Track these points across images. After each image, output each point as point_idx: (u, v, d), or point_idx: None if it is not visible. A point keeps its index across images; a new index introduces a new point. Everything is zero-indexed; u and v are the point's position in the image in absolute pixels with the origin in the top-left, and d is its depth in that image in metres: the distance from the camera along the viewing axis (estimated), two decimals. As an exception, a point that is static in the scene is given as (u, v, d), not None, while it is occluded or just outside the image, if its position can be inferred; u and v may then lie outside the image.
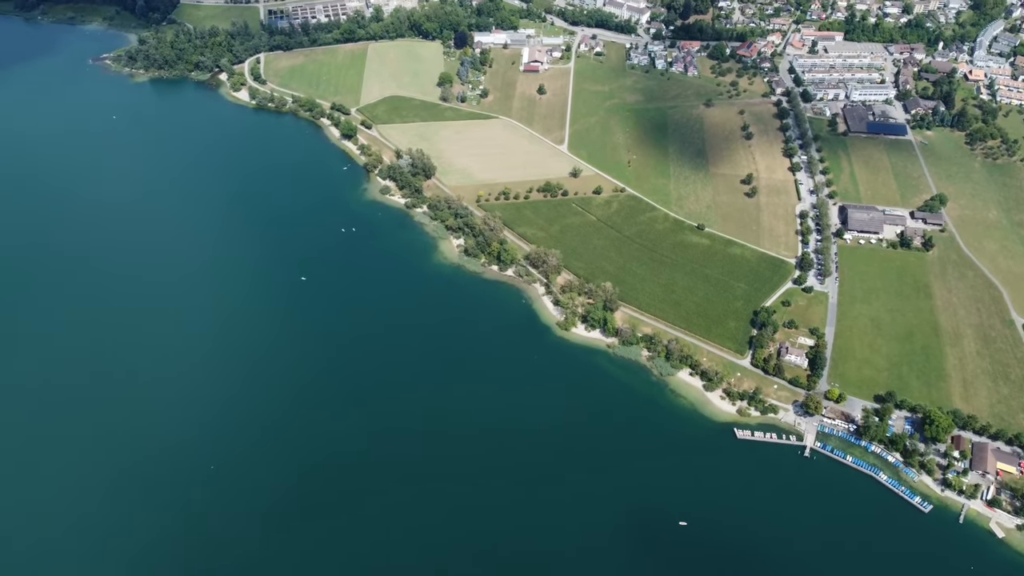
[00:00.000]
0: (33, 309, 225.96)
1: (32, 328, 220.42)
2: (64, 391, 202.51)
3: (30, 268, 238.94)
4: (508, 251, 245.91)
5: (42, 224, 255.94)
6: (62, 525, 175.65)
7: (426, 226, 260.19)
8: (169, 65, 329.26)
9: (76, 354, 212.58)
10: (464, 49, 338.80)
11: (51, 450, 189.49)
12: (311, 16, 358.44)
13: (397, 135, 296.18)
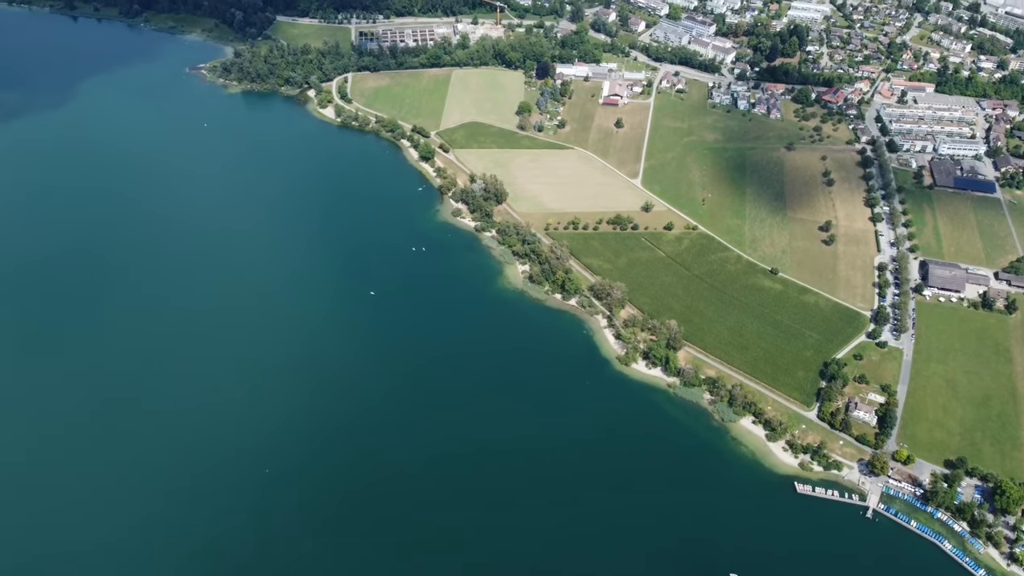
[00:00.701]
0: (110, 306, 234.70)
1: (109, 326, 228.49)
2: (135, 393, 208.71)
3: (111, 266, 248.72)
4: (573, 281, 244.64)
5: (126, 223, 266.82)
6: (126, 524, 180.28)
7: (493, 250, 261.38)
8: (261, 79, 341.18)
9: (147, 355, 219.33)
10: (545, 80, 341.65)
11: (121, 450, 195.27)
12: (400, 40, 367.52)
13: (473, 160, 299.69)
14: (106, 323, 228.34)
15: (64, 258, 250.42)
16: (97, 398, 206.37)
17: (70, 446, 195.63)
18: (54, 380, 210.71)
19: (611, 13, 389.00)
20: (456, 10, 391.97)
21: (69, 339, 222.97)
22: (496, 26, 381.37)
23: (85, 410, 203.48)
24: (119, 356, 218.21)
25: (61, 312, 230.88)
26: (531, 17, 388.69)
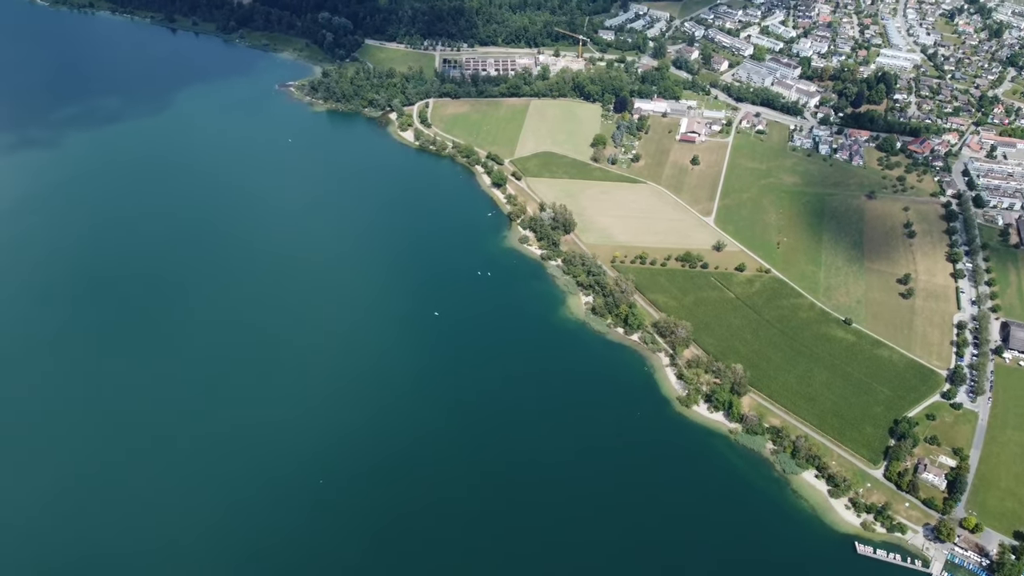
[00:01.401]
0: (183, 315, 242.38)
1: (181, 334, 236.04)
2: (202, 403, 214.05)
3: (187, 273, 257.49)
4: (636, 316, 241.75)
5: (204, 231, 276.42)
6: (181, 526, 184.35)
7: (557, 279, 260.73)
8: (346, 99, 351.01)
9: (216, 365, 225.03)
10: (623, 114, 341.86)
11: (186, 455, 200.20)
12: (482, 69, 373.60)
13: (544, 189, 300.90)
14: (179, 331, 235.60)
15: (145, 260, 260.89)
16: (167, 406, 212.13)
17: (137, 448, 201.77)
18: (127, 383, 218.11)
19: (694, 51, 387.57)
20: (539, 42, 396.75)
21: (145, 343, 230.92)
22: (577, 59, 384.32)
23: (157, 415, 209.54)
24: (191, 366, 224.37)
25: (138, 317, 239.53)
26: (613, 52, 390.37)
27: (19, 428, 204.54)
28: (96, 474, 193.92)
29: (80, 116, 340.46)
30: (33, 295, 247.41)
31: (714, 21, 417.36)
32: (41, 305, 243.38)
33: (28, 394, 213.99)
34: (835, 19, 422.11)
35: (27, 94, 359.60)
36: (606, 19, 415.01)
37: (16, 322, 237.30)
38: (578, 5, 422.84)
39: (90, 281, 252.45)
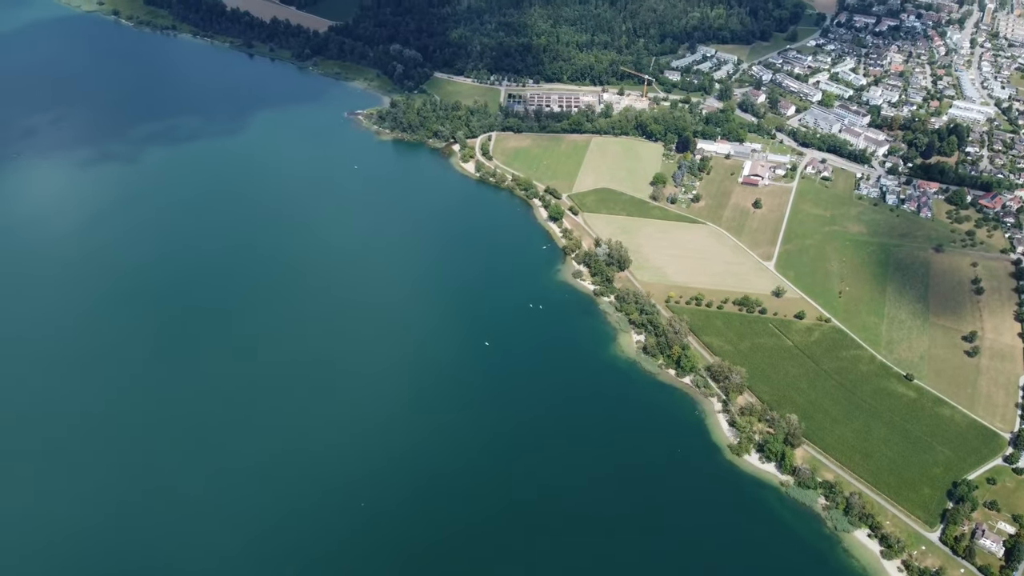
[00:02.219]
0: (239, 331, 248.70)
1: (235, 350, 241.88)
2: (246, 422, 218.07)
3: (244, 290, 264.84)
4: (689, 358, 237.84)
5: (265, 250, 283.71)
6: (230, 550, 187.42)
7: (609, 316, 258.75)
8: (412, 129, 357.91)
9: (262, 385, 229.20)
10: (685, 154, 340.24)
11: (229, 476, 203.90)
12: (546, 105, 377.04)
13: (600, 224, 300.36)
14: (234, 348, 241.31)
15: (208, 277, 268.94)
16: (216, 424, 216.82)
17: (184, 464, 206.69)
18: (179, 397, 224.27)
19: (760, 95, 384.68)
20: (604, 80, 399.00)
21: (200, 360, 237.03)
22: (641, 99, 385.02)
23: (205, 433, 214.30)
24: (243, 384, 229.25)
25: (194, 332, 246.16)
26: (678, 93, 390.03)
27: (73, 437, 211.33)
28: (147, 488, 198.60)
29: (159, 134, 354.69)
30: (100, 303, 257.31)
31: (782, 66, 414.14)
32: (107, 313, 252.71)
33: (84, 402, 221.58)
34: (907, 69, 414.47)
35: (110, 110, 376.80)
36: (673, 60, 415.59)
37: (81, 328, 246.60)
38: (645, 46, 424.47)
39: (154, 294, 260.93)
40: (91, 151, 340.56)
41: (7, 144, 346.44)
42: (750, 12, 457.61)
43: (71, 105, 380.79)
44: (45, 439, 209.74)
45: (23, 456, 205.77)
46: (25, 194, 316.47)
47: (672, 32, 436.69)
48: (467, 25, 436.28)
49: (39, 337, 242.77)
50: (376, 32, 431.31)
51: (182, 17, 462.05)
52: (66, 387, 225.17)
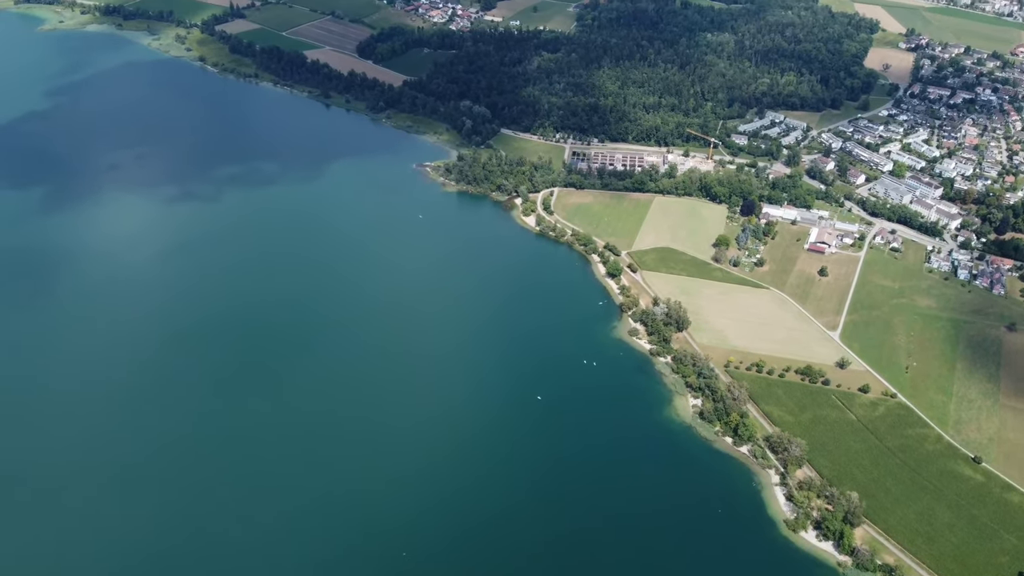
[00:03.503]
0: (289, 376, 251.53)
1: (283, 396, 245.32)
2: (290, 465, 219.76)
3: (301, 331, 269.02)
4: (747, 426, 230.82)
5: (326, 291, 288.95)
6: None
7: (665, 377, 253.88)
8: (476, 182, 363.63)
9: (309, 426, 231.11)
10: (750, 217, 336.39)
11: (270, 520, 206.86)
12: (609, 163, 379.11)
13: (660, 283, 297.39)
14: (285, 387, 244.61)
15: (270, 316, 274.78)
16: (259, 464, 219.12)
17: (227, 508, 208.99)
18: (227, 435, 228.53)
19: (829, 162, 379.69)
20: (669, 141, 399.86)
21: (252, 396, 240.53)
22: (707, 161, 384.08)
23: (249, 474, 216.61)
24: (291, 422, 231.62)
25: (249, 370, 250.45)
26: (744, 156, 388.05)
27: (114, 481, 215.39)
28: (187, 532, 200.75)
29: (238, 176, 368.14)
30: (166, 336, 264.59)
31: (853, 134, 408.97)
32: (168, 347, 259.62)
33: (129, 441, 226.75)
34: (982, 143, 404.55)
35: (192, 150, 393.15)
36: (740, 124, 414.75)
37: (141, 362, 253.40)
38: (713, 109, 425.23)
39: (217, 330, 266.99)
40: (172, 188, 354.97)
41: (94, 177, 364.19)
42: (821, 80, 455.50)
43: (155, 143, 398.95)
44: (87, 483, 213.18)
45: (60, 496, 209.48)
46: (104, 226, 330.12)
47: (741, 97, 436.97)
48: (536, 84, 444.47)
49: (98, 369, 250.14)
50: (448, 88, 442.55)
51: (264, 66, 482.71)
52: (115, 425, 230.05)
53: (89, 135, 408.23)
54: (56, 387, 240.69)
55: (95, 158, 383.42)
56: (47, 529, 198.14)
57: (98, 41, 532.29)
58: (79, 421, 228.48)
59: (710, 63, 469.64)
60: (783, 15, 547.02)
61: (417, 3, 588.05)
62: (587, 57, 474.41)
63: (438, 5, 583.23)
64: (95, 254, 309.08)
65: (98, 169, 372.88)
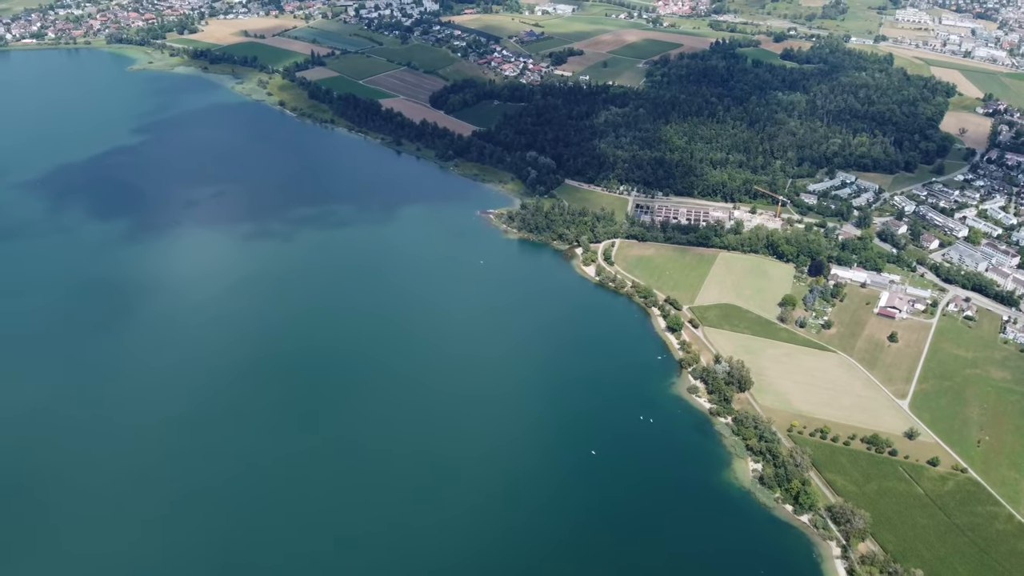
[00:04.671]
0: (341, 415, 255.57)
1: (335, 429, 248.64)
2: (338, 500, 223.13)
3: (359, 370, 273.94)
4: (809, 495, 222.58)
5: (387, 333, 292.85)
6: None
7: (724, 438, 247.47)
8: (538, 230, 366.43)
9: (358, 463, 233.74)
10: (817, 278, 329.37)
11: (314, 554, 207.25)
12: (673, 217, 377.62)
13: (722, 340, 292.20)
14: (343, 422, 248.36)
15: (328, 350, 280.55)
16: (307, 496, 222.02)
17: (272, 539, 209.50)
18: (278, 471, 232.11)
19: (902, 225, 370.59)
20: (736, 198, 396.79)
21: (301, 433, 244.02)
22: (774, 219, 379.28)
23: (294, 501, 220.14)
24: (340, 460, 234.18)
25: (310, 402, 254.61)
26: (813, 216, 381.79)
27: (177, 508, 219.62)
28: (239, 563, 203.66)
29: (311, 217, 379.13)
30: (233, 366, 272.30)
31: (927, 198, 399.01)
32: (238, 377, 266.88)
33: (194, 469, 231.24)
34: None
35: (267, 191, 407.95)
36: (810, 183, 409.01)
37: (208, 390, 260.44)
38: (782, 167, 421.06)
39: (283, 363, 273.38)
40: (252, 227, 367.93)
41: (173, 211, 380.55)
42: (895, 142, 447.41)
43: (233, 182, 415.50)
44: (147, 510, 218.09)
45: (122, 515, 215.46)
46: (180, 259, 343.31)
47: (811, 156, 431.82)
48: (603, 137, 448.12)
49: (165, 398, 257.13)
50: (515, 139, 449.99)
51: (340, 113, 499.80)
52: (177, 455, 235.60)
53: (171, 171, 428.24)
54: (125, 411, 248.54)
55: (176, 193, 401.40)
56: (109, 549, 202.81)
57: (185, 83, 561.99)
58: (144, 449, 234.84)
59: (780, 121, 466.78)
60: (857, 76, 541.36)
61: (490, 57, 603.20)
62: (655, 112, 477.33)
63: (510, 59, 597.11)
64: (170, 286, 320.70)
65: (178, 204, 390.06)
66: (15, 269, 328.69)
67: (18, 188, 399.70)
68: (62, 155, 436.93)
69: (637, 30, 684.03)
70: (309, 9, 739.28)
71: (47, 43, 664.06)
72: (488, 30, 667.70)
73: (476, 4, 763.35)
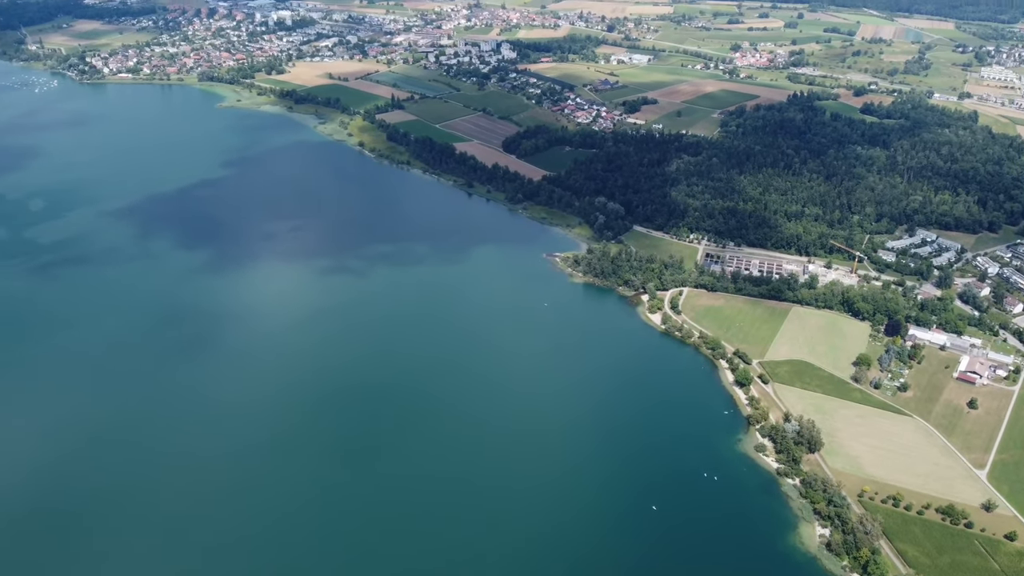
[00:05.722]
0: (404, 442, 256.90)
1: (394, 466, 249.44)
2: (390, 540, 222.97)
3: (423, 399, 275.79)
4: (879, 565, 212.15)
5: (449, 370, 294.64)
6: None
7: (791, 500, 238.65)
8: (604, 275, 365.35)
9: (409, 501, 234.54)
10: (894, 338, 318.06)
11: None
12: (745, 268, 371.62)
13: (792, 398, 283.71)
14: (401, 457, 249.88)
15: (392, 383, 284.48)
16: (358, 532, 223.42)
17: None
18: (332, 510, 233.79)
19: (984, 287, 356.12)
20: (811, 251, 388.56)
21: (359, 468, 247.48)
22: (851, 275, 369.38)
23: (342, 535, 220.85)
24: (393, 496, 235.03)
25: (363, 441, 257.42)
26: (891, 274, 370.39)
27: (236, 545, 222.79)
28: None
29: (383, 254, 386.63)
30: (303, 397, 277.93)
31: (1012, 260, 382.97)
32: (308, 408, 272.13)
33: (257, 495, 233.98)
34: None
35: (345, 227, 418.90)
36: (888, 240, 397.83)
37: (279, 418, 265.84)
38: (859, 223, 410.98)
39: (352, 395, 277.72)
40: (330, 262, 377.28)
41: (252, 244, 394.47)
42: (978, 201, 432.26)
43: (311, 217, 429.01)
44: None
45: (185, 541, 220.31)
46: (257, 290, 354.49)
47: (890, 212, 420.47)
48: (674, 185, 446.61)
49: (234, 426, 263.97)
50: (585, 184, 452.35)
51: (416, 154, 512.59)
52: (244, 485, 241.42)
53: (253, 205, 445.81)
54: (191, 439, 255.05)
55: (256, 226, 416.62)
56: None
57: (270, 121, 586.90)
58: (206, 478, 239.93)
59: (859, 175, 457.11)
60: (940, 133, 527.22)
61: (564, 104, 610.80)
62: (729, 161, 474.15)
63: (584, 107, 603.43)
64: (246, 316, 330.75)
65: (257, 236, 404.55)
66: (98, 293, 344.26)
67: (109, 215, 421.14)
68: (152, 185, 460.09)
69: (713, 80, 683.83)
70: (392, 55, 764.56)
71: (142, 78, 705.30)
72: (563, 78, 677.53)
73: (553, 53, 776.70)
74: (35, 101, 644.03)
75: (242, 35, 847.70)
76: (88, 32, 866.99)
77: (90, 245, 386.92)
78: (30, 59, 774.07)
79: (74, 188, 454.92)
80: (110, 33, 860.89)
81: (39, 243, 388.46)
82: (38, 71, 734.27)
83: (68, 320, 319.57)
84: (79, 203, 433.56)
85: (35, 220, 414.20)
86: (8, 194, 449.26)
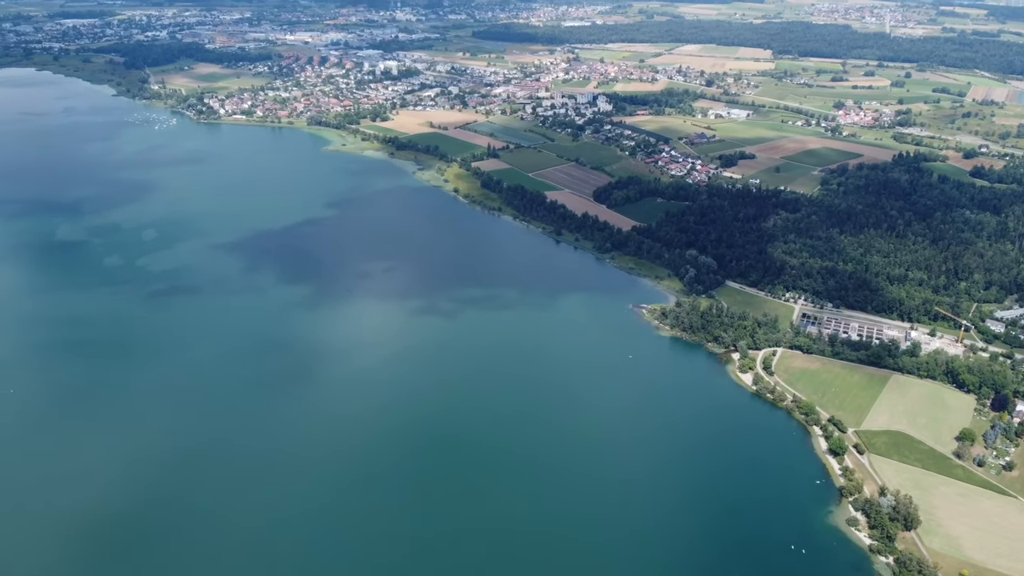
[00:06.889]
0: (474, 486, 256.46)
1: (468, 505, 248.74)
2: None
3: (499, 444, 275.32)
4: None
5: (528, 412, 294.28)
6: None
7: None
8: (692, 330, 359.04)
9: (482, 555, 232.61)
10: (1001, 413, 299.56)
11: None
12: (843, 331, 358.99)
13: (889, 471, 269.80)
14: (472, 502, 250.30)
15: (469, 426, 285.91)
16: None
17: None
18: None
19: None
20: (913, 317, 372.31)
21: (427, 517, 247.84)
22: (956, 344, 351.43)
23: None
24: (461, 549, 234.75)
25: (445, 481, 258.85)
26: (1000, 345, 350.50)
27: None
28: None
29: (473, 298, 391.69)
30: (377, 435, 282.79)
31: None
32: (380, 446, 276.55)
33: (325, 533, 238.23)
34: None
35: (436, 270, 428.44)
36: (998, 310, 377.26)
37: (356, 453, 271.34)
38: (966, 290, 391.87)
39: (424, 438, 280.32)
40: (422, 302, 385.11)
41: (348, 282, 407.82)
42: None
43: (405, 259, 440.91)
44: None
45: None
46: (349, 326, 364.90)
47: (1000, 281, 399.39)
48: (771, 242, 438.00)
49: (311, 460, 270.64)
50: (676, 236, 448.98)
51: (508, 201, 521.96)
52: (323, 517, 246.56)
53: (352, 245, 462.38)
54: (272, 470, 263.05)
55: (353, 265, 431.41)
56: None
57: (372, 165, 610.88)
58: (278, 508, 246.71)
59: (967, 241, 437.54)
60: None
61: (658, 156, 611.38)
62: (829, 220, 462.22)
63: (678, 160, 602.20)
64: (337, 351, 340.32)
65: (354, 275, 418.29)
66: (203, 322, 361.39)
67: (216, 248, 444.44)
68: (259, 222, 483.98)
69: (815, 137, 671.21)
70: (490, 106, 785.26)
71: (255, 120, 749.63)
72: (659, 131, 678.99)
73: (649, 106, 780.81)
74: (155, 138, 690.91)
75: (350, 83, 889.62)
76: (207, 75, 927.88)
77: (198, 275, 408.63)
78: (152, 97, 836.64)
79: (186, 221, 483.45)
80: (228, 77, 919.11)
81: (150, 271, 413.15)
82: (159, 109, 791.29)
83: (173, 346, 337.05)
84: (190, 235, 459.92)
85: (147, 250, 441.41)
86: (124, 224, 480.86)
